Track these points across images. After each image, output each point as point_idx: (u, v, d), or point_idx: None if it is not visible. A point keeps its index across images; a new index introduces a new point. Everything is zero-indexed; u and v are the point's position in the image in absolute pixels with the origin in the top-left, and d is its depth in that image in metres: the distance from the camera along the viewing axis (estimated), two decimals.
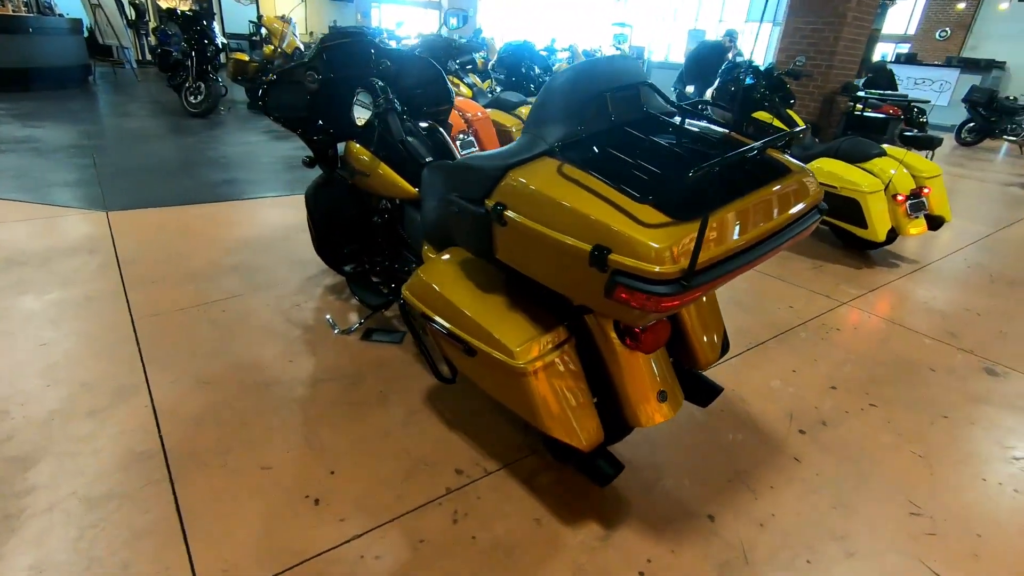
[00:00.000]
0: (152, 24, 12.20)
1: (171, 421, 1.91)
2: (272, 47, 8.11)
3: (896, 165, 3.84)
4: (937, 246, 4.44)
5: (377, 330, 2.53)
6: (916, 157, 3.96)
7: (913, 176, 3.84)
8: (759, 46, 18.53)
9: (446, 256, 1.69)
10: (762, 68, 4.97)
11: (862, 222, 3.82)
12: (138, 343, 2.33)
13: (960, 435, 2.16)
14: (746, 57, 7.90)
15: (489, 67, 7.60)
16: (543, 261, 1.21)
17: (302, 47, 8.65)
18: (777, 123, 4.63)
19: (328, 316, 2.60)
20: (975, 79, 12.04)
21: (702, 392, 1.73)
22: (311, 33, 14.29)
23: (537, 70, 6.78)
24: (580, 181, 1.15)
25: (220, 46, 7.41)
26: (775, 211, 1.18)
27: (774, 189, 1.19)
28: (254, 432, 1.89)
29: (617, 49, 12.91)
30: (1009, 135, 10.14)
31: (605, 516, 1.66)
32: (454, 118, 4.80)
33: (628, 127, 1.29)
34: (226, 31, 14.22)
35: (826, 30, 5.69)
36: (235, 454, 1.78)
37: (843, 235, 4.34)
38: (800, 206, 1.26)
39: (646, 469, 1.85)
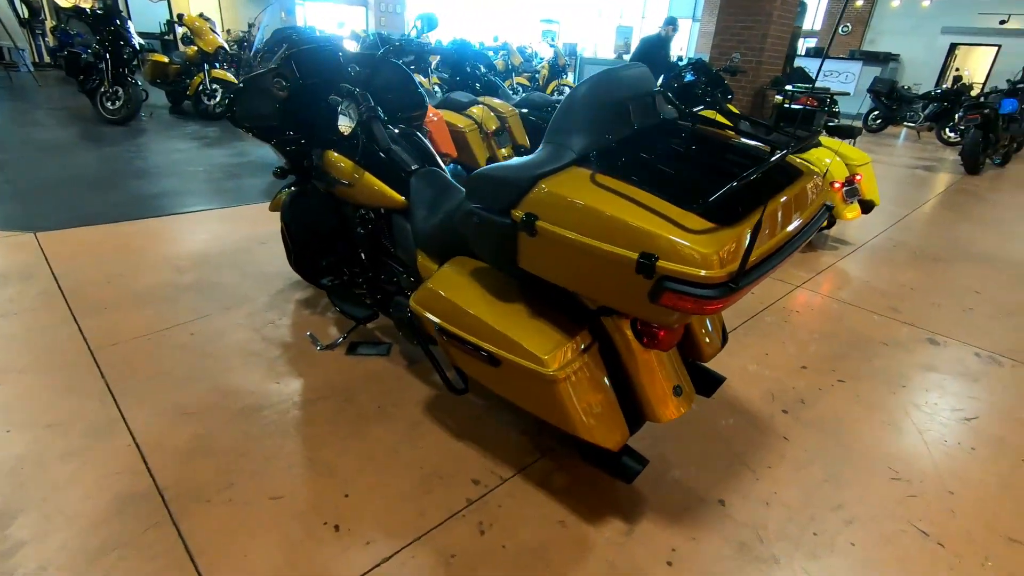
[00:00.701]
0: (50, 23, 11.15)
1: (160, 457, 1.78)
2: (195, 48, 7.63)
3: (831, 155, 4.13)
4: (866, 228, 4.82)
5: (362, 343, 2.46)
6: (847, 147, 4.28)
7: (846, 164, 4.15)
8: (682, 42, 19.29)
9: (453, 266, 1.67)
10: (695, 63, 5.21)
11: None
12: (103, 376, 2.16)
13: (919, 402, 2.37)
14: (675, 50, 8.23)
15: (431, 66, 7.52)
16: (577, 270, 1.23)
17: (226, 47, 8.21)
18: (720, 119, 4.85)
19: (309, 332, 2.51)
20: (876, 70, 13.10)
21: (706, 383, 1.80)
22: (228, 31, 13.55)
23: (482, 68, 6.77)
24: (616, 189, 1.18)
25: (137, 47, 6.90)
26: (799, 210, 1.26)
27: (796, 189, 1.26)
28: (254, 461, 1.80)
29: (551, 46, 13.04)
30: (908, 122, 11.12)
31: (625, 511, 1.70)
32: None
33: (652, 133, 1.32)
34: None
35: (755, 27, 6.02)
36: (239, 486, 1.69)
37: None
38: (815, 203, 1.34)
39: (653, 461, 1.91)
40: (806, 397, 2.34)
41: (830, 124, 6.00)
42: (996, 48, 12.67)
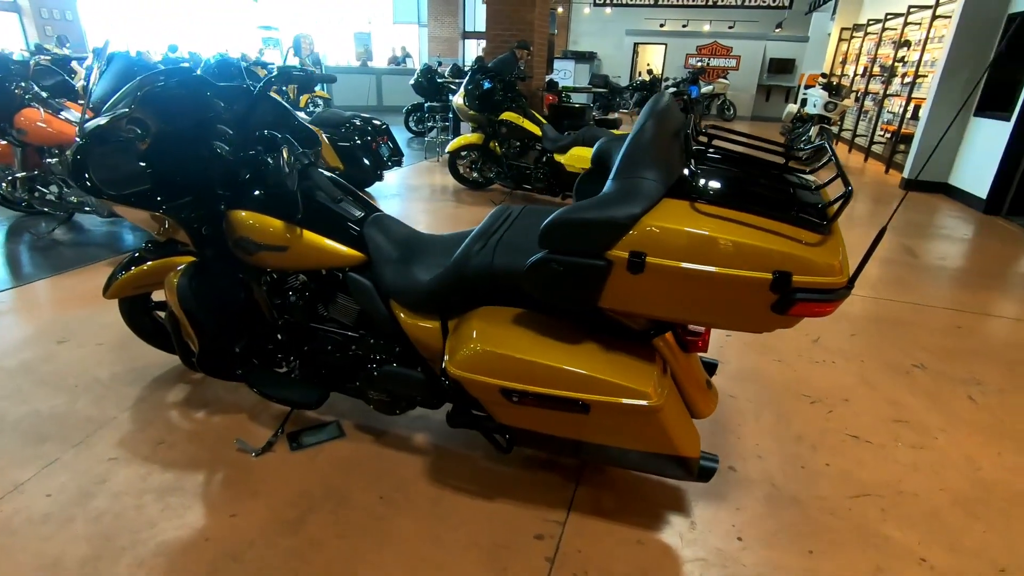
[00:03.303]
0: None
1: None
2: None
3: None
4: None
5: (303, 432, 2.06)
6: None
7: None
8: (410, 47, 19.71)
9: (487, 320, 1.53)
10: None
11: None
12: None
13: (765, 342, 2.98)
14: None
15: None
16: (690, 298, 1.25)
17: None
18: (526, 123, 5.20)
19: (236, 439, 1.99)
20: (585, 67, 15.40)
21: (707, 369, 1.99)
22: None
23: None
24: (720, 215, 1.23)
25: None
26: None
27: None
28: None
29: (296, 56, 12.10)
30: (623, 108, 13.43)
31: (674, 507, 1.80)
32: None
33: (703, 157, 1.39)
34: None
35: (520, 36, 6.54)
36: None
37: None
38: None
39: None
40: (724, 359, 2.75)
41: (597, 117, 6.91)
42: (664, 46, 16.08)
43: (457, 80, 8.56)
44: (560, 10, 17.48)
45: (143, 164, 1.70)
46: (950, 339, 3.07)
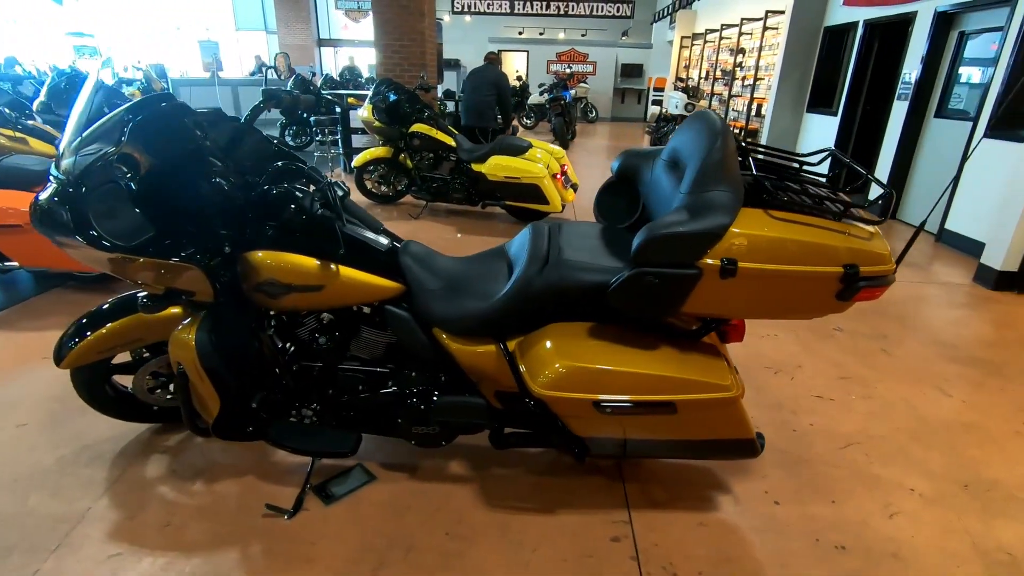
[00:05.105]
0: None
1: None
2: None
3: (544, 153, 4.98)
4: (575, 203, 5.99)
5: (330, 482, 1.91)
6: (549, 146, 5.20)
7: (556, 159, 5.06)
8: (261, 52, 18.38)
9: (561, 337, 1.55)
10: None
11: (544, 200, 4.86)
12: None
13: None
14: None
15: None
16: (772, 296, 1.39)
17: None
18: (438, 134, 5.16)
19: (266, 504, 1.78)
20: (452, 75, 15.57)
21: None
22: None
23: (106, 108, 5.20)
24: (790, 219, 1.38)
25: None
26: None
27: None
28: None
29: (137, 68, 10.73)
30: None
31: (714, 485, 1.96)
32: None
33: (757, 168, 1.52)
34: None
35: (412, 46, 6.46)
36: None
37: (517, 212, 5.38)
38: None
39: None
40: None
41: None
42: (527, 53, 16.71)
43: (339, 92, 8.18)
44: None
45: (137, 209, 1.46)
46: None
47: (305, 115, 8.13)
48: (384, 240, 1.75)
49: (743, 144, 1.58)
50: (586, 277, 1.53)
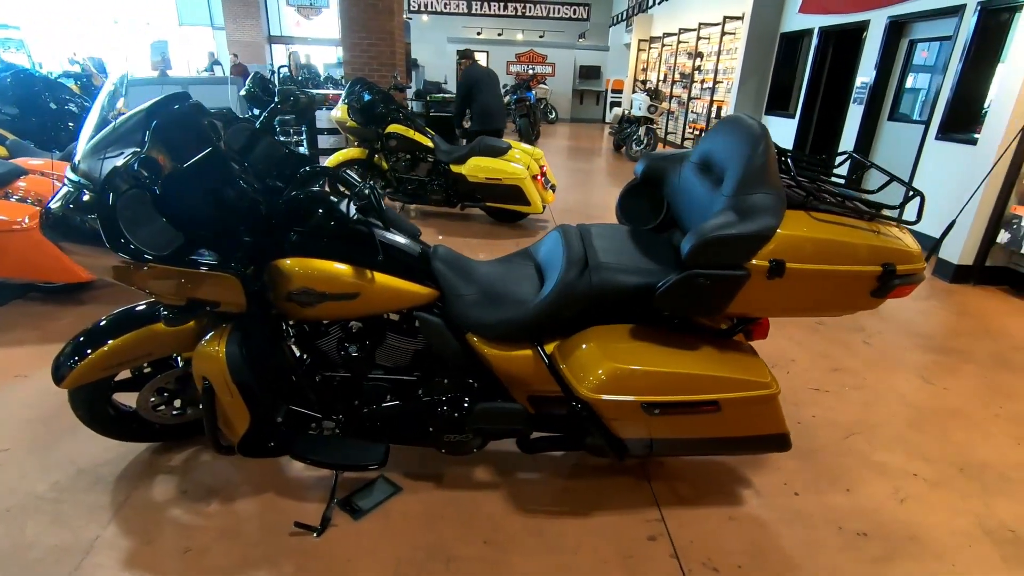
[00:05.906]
0: None
1: None
2: None
3: (523, 154, 4.98)
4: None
5: (355, 496, 1.85)
6: (525, 147, 5.20)
7: (535, 160, 5.08)
8: (207, 47, 17.66)
9: (605, 340, 1.55)
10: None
11: (525, 201, 4.86)
12: None
13: None
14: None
15: None
16: (816, 294, 1.43)
17: None
18: (415, 135, 5.08)
19: (295, 522, 1.70)
20: (413, 73, 15.33)
21: None
22: None
23: (54, 105, 4.88)
24: (830, 220, 1.42)
25: None
26: None
27: None
28: None
29: (74, 62, 10.11)
30: None
31: (735, 481, 2.01)
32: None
33: (795, 171, 1.56)
34: None
35: (381, 45, 6.34)
36: None
37: (496, 214, 5.35)
38: None
39: None
40: None
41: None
42: (487, 53, 16.67)
43: (302, 91, 7.93)
44: None
45: (162, 216, 1.37)
46: None
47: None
48: (417, 245, 1.71)
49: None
50: (629, 280, 1.54)
